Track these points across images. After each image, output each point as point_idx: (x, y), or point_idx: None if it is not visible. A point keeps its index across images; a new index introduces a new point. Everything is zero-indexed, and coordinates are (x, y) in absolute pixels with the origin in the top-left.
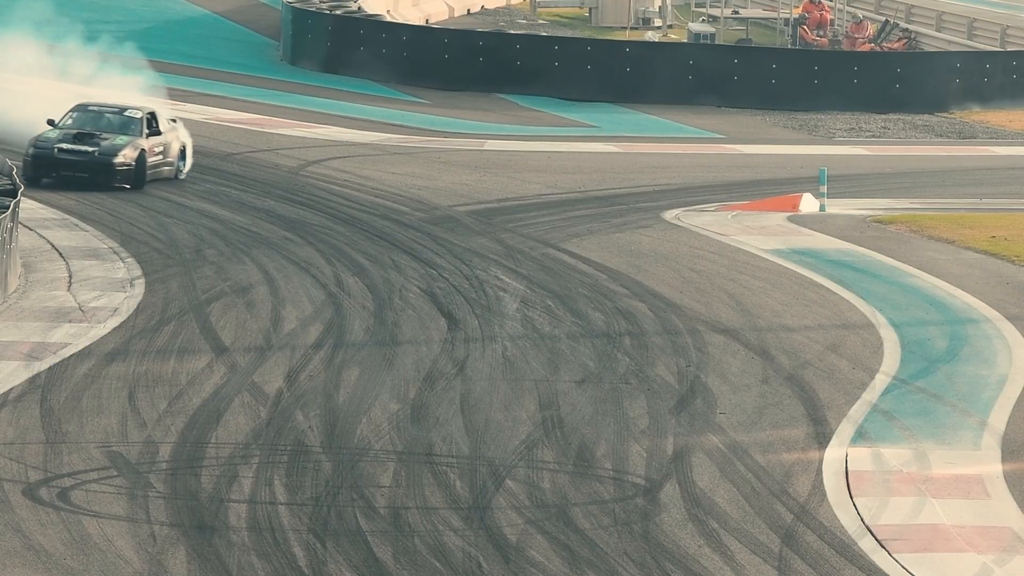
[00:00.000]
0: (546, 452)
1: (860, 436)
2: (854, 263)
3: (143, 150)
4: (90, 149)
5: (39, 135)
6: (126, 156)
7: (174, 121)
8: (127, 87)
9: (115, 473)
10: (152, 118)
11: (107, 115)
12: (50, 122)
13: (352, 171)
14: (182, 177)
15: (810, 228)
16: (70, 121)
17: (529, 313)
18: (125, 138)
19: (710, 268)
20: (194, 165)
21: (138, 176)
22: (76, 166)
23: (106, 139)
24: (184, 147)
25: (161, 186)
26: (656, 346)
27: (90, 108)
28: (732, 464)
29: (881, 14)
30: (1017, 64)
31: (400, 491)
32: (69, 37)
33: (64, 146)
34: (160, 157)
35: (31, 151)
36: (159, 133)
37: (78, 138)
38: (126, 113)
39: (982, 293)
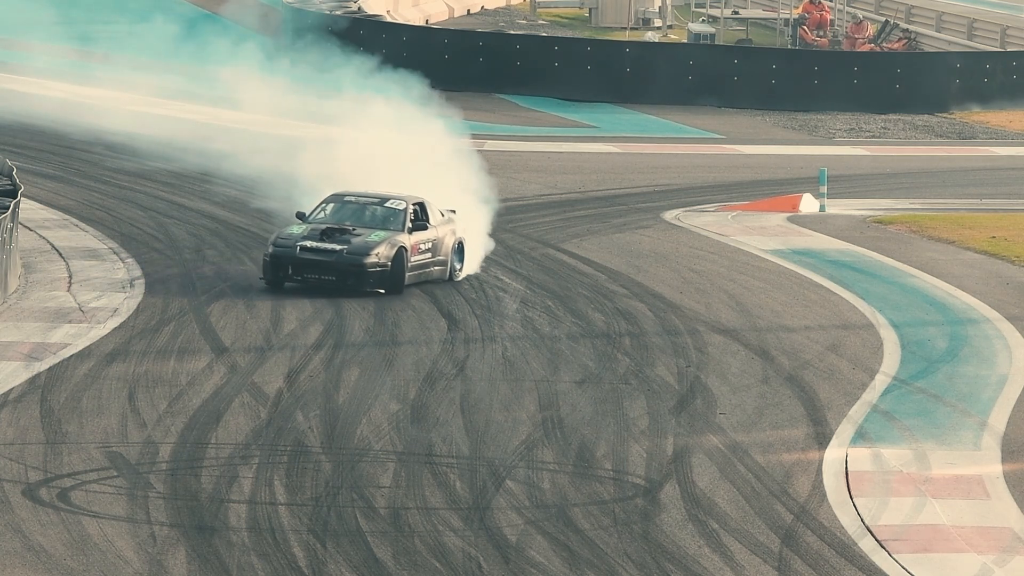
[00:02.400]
0: (546, 452)
1: (860, 436)
2: (854, 263)
3: (402, 248)
4: (338, 247)
5: (282, 231)
6: (380, 255)
7: (452, 212)
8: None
9: (115, 473)
10: (420, 209)
11: (365, 206)
12: (299, 215)
13: None
14: (458, 279)
15: (810, 228)
16: (322, 214)
17: (529, 313)
18: (382, 233)
19: (710, 268)
20: (193, 165)
21: (395, 278)
22: (321, 267)
23: (359, 235)
24: (461, 243)
25: (160, 186)
26: (656, 346)
27: (346, 199)
28: (732, 464)
29: (881, 14)
30: (1017, 64)
31: (400, 491)
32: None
33: (308, 244)
34: (428, 255)
35: (270, 250)
36: (426, 227)
37: (326, 235)
38: (387, 204)
39: (982, 293)
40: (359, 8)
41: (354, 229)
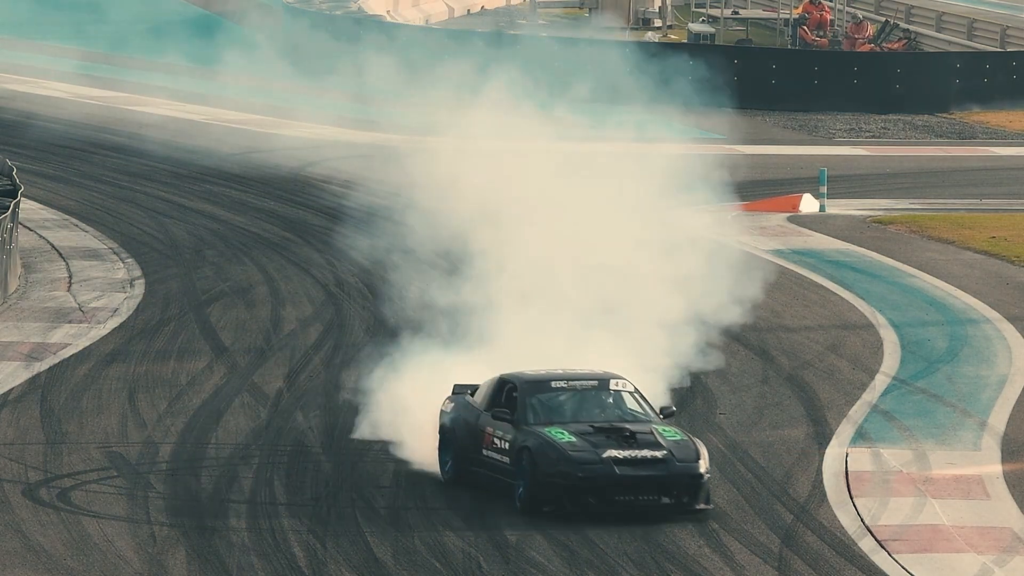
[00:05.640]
0: None
1: (860, 436)
2: (854, 263)
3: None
4: (659, 455)
5: (553, 446)
6: (705, 458)
7: None
8: None
9: (115, 473)
10: None
11: (585, 390)
12: (502, 415)
13: (352, 171)
14: None
15: (810, 228)
16: (548, 410)
17: None
18: (675, 430)
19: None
20: (195, 166)
21: (709, 487)
22: (645, 485)
23: (646, 435)
24: None
25: (160, 186)
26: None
27: (554, 384)
28: (732, 464)
29: (881, 14)
30: (1017, 64)
31: (400, 491)
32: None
33: (619, 454)
34: None
35: (566, 469)
36: (674, 411)
37: (613, 440)
38: (611, 386)
39: (982, 293)
40: (359, 8)
41: (627, 429)
